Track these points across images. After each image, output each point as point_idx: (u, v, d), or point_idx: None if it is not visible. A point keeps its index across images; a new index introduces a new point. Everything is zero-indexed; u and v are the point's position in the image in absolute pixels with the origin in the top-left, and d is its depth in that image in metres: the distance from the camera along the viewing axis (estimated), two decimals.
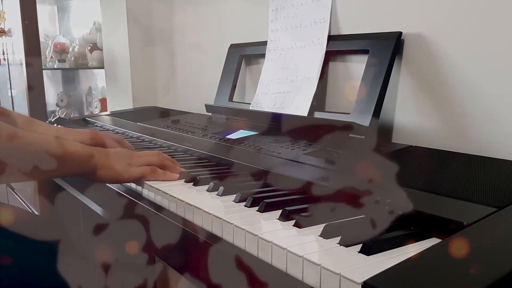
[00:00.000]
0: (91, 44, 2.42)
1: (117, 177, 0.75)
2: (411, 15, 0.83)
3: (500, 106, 0.71)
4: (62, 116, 2.61)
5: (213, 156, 0.85)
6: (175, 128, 1.12)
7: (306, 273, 0.43)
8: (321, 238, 0.48)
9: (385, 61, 0.82)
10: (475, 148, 0.74)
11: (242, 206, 0.60)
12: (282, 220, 0.54)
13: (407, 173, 0.64)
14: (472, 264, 0.38)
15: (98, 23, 2.33)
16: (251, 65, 1.23)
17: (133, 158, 0.77)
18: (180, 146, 0.95)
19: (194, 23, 1.48)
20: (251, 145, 0.86)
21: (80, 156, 0.73)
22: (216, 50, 1.35)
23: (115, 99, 1.87)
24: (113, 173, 0.74)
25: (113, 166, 0.74)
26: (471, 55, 0.74)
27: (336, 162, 0.70)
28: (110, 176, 0.75)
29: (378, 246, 0.44)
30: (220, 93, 1.23)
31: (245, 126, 1.03)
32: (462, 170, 0.64)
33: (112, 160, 0.75)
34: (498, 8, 0.70)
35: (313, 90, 0.95)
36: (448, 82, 0.78)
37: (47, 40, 2.52)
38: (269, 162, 0.76)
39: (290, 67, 1.03)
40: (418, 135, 0.82)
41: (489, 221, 0.47)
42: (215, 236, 0.56)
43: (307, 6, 1.01)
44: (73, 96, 2.74)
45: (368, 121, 0.81)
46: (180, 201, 0.64)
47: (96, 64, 2.39)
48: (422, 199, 0.54)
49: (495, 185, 0.57)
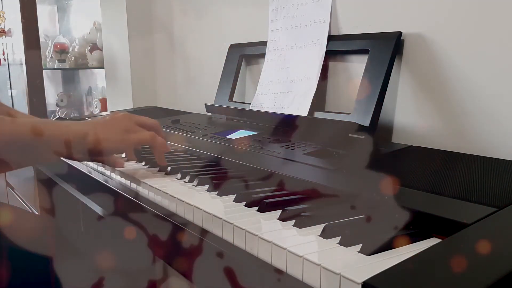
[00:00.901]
0: (91, 44, 2.42)
1: (118, 148, 0.75)
2: (411, 15, 0.83)
3: (500, 106, 0.71)
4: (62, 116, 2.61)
5: (213, 156, 0.85)
6: (175, 128, 1.12)
7: (306, 273, 0.43)
8: (321, 238, 0.48)
9: (385, 61, 0.82)
10: (475, 148, 0.74)
11: (242, 206, 0.60)
12: (282, 220, 0.54)
13: (407, 173, 0.64)
14: (472, 264, 0.38)
15: (98, 23, 2.33)
16: (251, 65, 1.23)
17: (130, 122, 0.76)
18: (180, 146, 0.95)
19: (194, 23, 1.48)
20: (251, 145, 0.86)
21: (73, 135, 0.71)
22: (216, 50, 1.35)
23: (115, 99, 1.87)
24: (112, 144, 0.74)
25: (111, 137, 0.73)
26: (471, 55, 0.74)
27: (336, 162, 0.70)
28: (110, 148, 0.74)
29: (378, 246, 0.44)
30: (220, 93, 1.23)
31: (245, 126, 1.03)
32: (462, 170, 0.64)
33: (109, 131, 0.74)
34: (498, 8, 0.70)
35: (313, 90, 0.95)
36: (448, 82, 0.78)
37: (47, 40, 2.52)
38: (269, 162, 0.76)
39: (290, 67, 1.03)
40: (418, 135, 0.82)
41: (489, 221, 0.47)
42: (215, 236, 0.56)
43: (307, 6, 1.01)
44: (73, 96, 2.74)
45: (368, 121, 0.81)
46: (180, 201, 0.64)
47: (96, 64, 2.39)
48: (422, 199, 0.54)
49: (495, 185, 0.57)
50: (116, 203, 0.80)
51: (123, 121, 0.76)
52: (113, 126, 0.75)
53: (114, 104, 1.86)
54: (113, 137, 0.74)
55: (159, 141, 0.76)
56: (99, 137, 0.72)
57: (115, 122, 0.76)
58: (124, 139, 0.75)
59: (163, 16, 1.64)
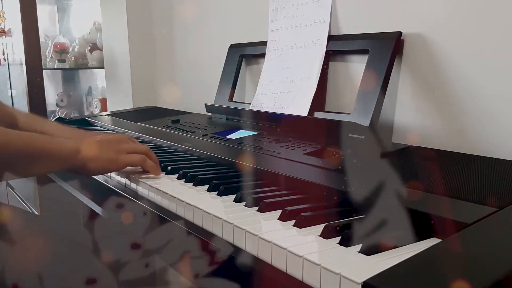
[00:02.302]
0: (91, 44, 2.42)
1: (107, 168, 0.77)
2: (411, 15, 0.83)
3: (500, 106, 0.71)
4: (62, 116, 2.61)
5: (213, 156, 0.85)
6: (175, 128, 1.12)
7: (306, 273, 0.43)
8: (321, 238, 0.48)
9: (385, 61, 0.82)
10: (475, 148, 0.74)
11: (242, 206, 0.60)
12: (282, 220, 0.54)
13: (407, 173, 0.64)
14: (472, 264, 0.38)
15: (98, 23, 2.33)
16: (251, 65, 1.23)
17: (121, 144, 0.78)
18: (180, 146, 0.95)
19: (194, 23, 1.48)
20: (251, 145, 0.86)
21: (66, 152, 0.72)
22: (216, 50, 1.35)
23: (115, 99, 1.87)
24: (103, 164, 0.75)
25: (102, 157, 0.75)
26: (471, 55, 0.74)
27: (336, 162, 0.70)
28: (100, 167, 0.76)
29: (378, 246, 0.44)
30: (220, 93, 1.23)
31: (245, 126, 1.03)
32: (462, 170, 0.64)
33: (100, 150, 0.75)
34: (498, 8, 0.70)
35: (313, 90, 0.95)
36: (448, 82, 0.78)
37: (47, 40, 2.52)
38: (269, 162, 0.76)
39: (290, 67, 1.03)
40: (418, 135, 0.82)
41: (489, 221, 0.46)
42: (215, 236, 0.56)
43: (307, 6, 1.01)
44: (73, 96, 2.74)
45: (368, 121, 0.81)
46: (180, 201, 0.64)
47: (96, 64, 2.39)
48: (422, 199, 0.54)
49: (495, 185, 0.57)
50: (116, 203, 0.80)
51: (116, 143, 0.78)
52: (105, 147, 0.76)
53: (114, 104, 1.86)
54: (104, 156, 0.75)
55: (149, 164, 0.78)
56: (90, 155, 0.74)
57: (108, 143, 0.77)
58: (115, 160, 0.76)
59: (163, 16, 1.64)
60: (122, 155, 0.76)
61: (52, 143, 0.72)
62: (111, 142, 0.78)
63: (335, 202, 0.59)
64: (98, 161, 0.74)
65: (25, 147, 0.68)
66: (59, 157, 0.72)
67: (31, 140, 0.70)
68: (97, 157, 0.74)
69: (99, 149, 0.75)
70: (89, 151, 0.74)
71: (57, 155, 0.72)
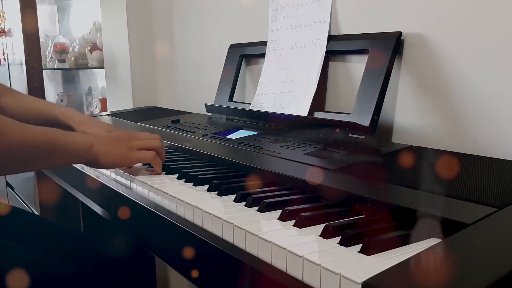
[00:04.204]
0: (91, 44, 2.42)
1: (118, 163, 0.79)
2: (411, 15, 0.83)
3: (500, 106, 0.71)
4: None
5: (213, 156, 0.85)
6: (175, 128, 1.12)
7: (306, 273, 0.43)
8: (321, 238, 0.48)
9: (385, 61, 0.82)
10: (475, 148, 0.74)
11: (242, 206, 0.60)
12: (282, 220, 0.54)
13: (407, 173, 0.64)
14: (472, 264, 0.38)
15: (98, 23, 2.33)
16: (251, 65, 1.23)
17: (133, 141, 0.80)
18: (180, 146, 0.95)
19: (195, 23, 1.48)
20: (251, 145, 0.86)
21: (80, 146, 0.75)
22: (216, 50, 1.35)
23: (115, 99, 1.87)
24: (114, 159, 0.78)
25: (114, 152, 0.77)
26: (471, 55, 0.74)
27: (336, 162, 0.70)
28: (111, 162, 0.78)
29: (378, 246, 0.44)
30: (220, 93, 1.23)
31: (245, 126, 1.03)
32: (462, 170, 0.64)
33: (112, 146, 0.78)
34: (498, 8, 0.70)
35: (313, 90, 0.95)
36: (448, 82, 0.78)
37: (47, 40, 2.52)
38: (269, 162, 0.76)
39: (290, 67, 1.03)
40: (418, 135, 0.82)
41: (489, 221, 0.46)
42: (215, 236, 0.56)
43: (307, 6, 1.01)
44: (73, 96, 2.74)
45: (368, 121, 0.81)
46: (180, 201, 0.64)
47: (96, 64, 2.39)
48: (422, 199, 0.54)
49: (495, 185, 0.57)
50: (116, 203, 0.80)
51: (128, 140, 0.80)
52: (117, 143, 0.79)
53: (114, 104, 1.86)
54: (116, 152, 0.78)
55: (157, 162, 0.80)
56: (103, 150, 0.76)
57: (120, 139, 0.80)
58: (126, 156, 0.78)
59: (163, 16, 1.64)
60: (134, 152, 0.79)
61: (67, 138, 0.75)
62: (123, 138, 0.80)
63: (335, 202, 0.59)
64: (110, 156, 0.77)
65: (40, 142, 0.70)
66: (73, 152, 0.75)
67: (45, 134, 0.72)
68: (109, 152, 0.77)
69: (111, 145, 0.78)
70: (102, 146, 0.77)
71: (71, 150, 0.74)
